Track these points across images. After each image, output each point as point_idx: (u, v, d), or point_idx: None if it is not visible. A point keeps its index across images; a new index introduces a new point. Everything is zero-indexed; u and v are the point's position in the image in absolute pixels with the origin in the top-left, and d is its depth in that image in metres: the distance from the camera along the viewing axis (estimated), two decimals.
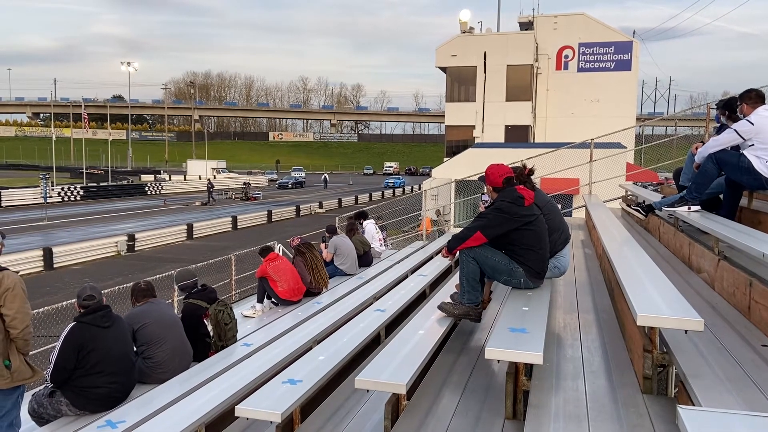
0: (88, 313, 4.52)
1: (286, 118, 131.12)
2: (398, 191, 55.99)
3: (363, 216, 10.93)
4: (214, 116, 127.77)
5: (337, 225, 9.94)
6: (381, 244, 10.75)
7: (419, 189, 32.30)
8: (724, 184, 5.02)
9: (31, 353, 4.26)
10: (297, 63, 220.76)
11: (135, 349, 4.95)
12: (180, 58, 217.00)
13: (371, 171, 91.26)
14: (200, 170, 59.26)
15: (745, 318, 3.46)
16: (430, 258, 8.81)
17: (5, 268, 4.01)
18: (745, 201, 5.20)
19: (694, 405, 2.41)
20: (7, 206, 36.74)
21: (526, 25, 30.30)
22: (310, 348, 4.76)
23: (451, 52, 29.14)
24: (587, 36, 28.32)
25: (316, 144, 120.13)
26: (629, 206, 8.02)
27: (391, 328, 5.35)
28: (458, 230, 4.40)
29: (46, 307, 8.11)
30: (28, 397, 4.44)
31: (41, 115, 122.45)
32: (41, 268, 18.98)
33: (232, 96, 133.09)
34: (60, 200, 40.86)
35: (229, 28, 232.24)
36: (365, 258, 9.67)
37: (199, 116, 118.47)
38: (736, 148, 4.85)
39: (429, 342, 3.71)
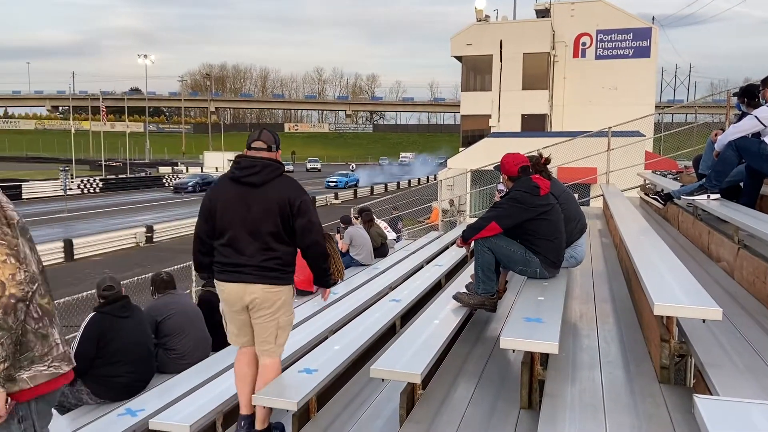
0: (107, 303, 4.59)
1: (302, 109, 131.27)
2: (413, 182, 50.89)
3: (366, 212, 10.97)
4: (230, 108, 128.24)
5: (351, 216, 9.95)
6: (389, 230, 10.84)
7: (434, 179, 32.23)
8: (745, 172, 4.94)
9: None
10: (312, 54, 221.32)
11: (156, 340, 5.01)
12: (196, 51, 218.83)
13: (387, 161, 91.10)
14: (217, 162, 59.47)
15: (764, 307, 3.41)
16: (446, 248, 8.79)
17: None
18: (767, 189, 5.11)
19: (711, 395, 2.38)
20: (28, 199, 37.25)
21: (543, 13, 29.90)
22: (326, 338, 4.79)
23: (467, 41, 28.87)
24: (605, 23, 27.86)
25: (332, 135, 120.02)
26: (647, 195, 7.93)
27: (407, 318, 5.36)
28: (474, 220, 4.38)
29: (66, 298, 8.26)
30: None
31: (60, 108, 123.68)
32: (62, 260, 19.28)
33: (248, 87, 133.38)
34: (80, 192, 41.42)
35: (244, 20, 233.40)
36: (382, 250, 9.69)
37: (215, 108, 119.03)
38: (757, 135, 4.77)
39: (444, 332, 3.71)
